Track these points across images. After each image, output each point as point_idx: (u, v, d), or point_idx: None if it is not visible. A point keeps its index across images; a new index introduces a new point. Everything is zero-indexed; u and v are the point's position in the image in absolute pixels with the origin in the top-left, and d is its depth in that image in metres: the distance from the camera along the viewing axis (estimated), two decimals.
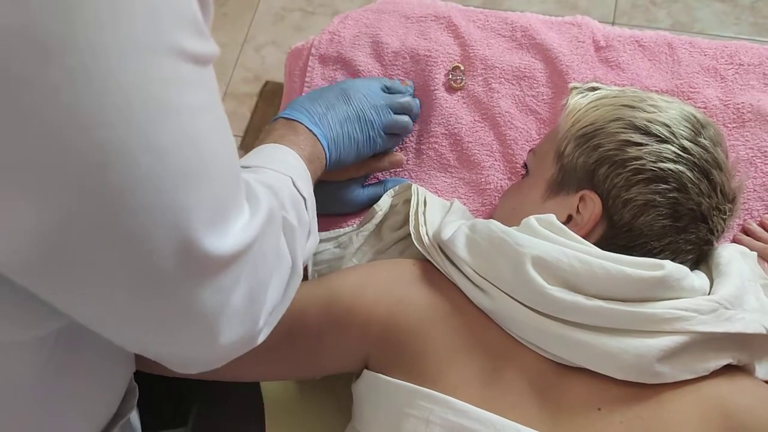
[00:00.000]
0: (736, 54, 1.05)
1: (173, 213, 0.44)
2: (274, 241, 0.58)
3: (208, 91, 0.47)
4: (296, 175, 0.73)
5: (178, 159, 0.44)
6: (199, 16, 0.45)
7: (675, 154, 0.77)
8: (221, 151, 0.49)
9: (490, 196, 1.00)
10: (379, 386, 0.76)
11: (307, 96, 0.93)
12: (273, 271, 0.57)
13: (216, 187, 0.48)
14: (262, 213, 0.54)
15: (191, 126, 0.45)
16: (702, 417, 0.69)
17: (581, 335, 0.70)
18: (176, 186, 0.44)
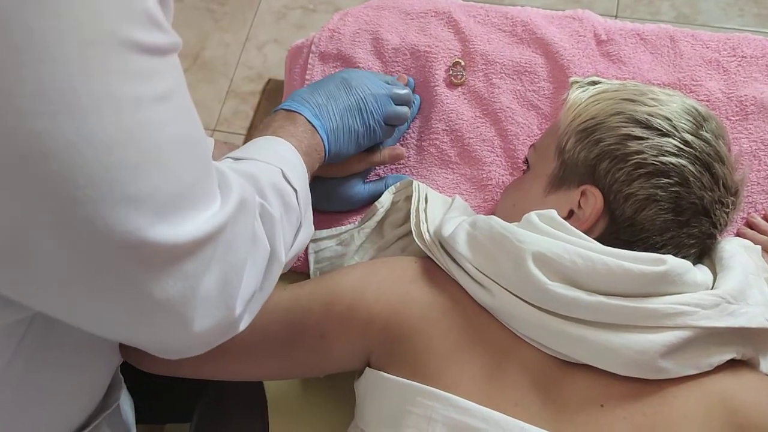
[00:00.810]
0: (739, 46, 1.04)
1: (118, 204, 0.44)
2: (248, 228, 0.57)
3: (165, 81, 0.47)
4: (288, 167, 0.73)
5: (122, 150, 0.44)
6: (154, 8, 0.45)
7: (676, 147, 0.77)
8: (178, 141, 0.48)
9: (492, 192, 1.00)
10: (380, 384, 0.76)
11: (308, 87, 0.92)
12: (248, 256, 0.57)
13: (169, 177, 0.47)
14: (232, 200, 0.54)
15: (140, 117, 0.44)
16: (706, 413, 0.68)
17: (583, 331, 0.70)
18: (121, 178, 0.44)
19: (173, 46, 0.48)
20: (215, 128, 1.79)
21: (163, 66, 0.47)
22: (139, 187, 0.45)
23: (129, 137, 0.44)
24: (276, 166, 0.71)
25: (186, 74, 1.52)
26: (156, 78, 0.46)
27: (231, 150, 0.99)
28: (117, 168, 0.43)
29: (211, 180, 0.54)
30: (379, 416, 0.75)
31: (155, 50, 0.45)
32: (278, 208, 0.66)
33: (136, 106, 0.44)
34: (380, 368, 0.77)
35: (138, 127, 0.44)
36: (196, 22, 1.93)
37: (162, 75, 0.47)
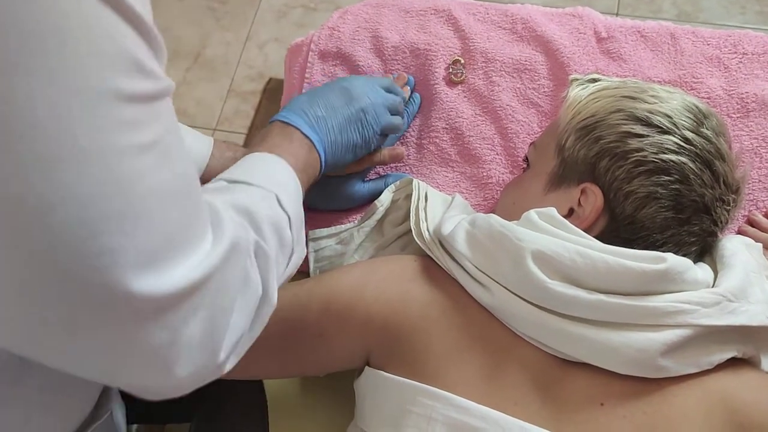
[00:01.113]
0: (740, 43, 1.04)
1: (97, 258, 0.42)
2: (239, 271, 0.55)
3: (151, 129, 0.45)
4: (283, 191, 0.71)
5: (101, 203, 0.42)
6: (142, 54, 0.44)
7: (677, 145, 0.76)
8: (164, 189, 0.47)
9: (492, 191, 0.99)
10: (380, 383, 0.76)
11: (307, 95, 0.90)
12: (237, 301, 0.55)
13: (154, 227, 0.46)
14: (224, 243, 0.52)
15: (122, 168, 0.43)
16: (707, 411, 0.68)
17: (583, 330, 0.70)
18: (99, 230, 0.42)
19: (163, 92, 0.47)
20: (216, 127, 1.78)
21: (149, 114, 0.45)
22: (120, 239, 0.43)
23: (109, 189, 0.43)
24: (271, 191, 0.69)
25: (187, 73, 1.51)
26: (141, 127, 0.44)
27: (230, 149, 1.00)
28: (95, 221, 0.42)
29: (201, 221, 0.52)
30: (379, 416, 0.75)
31: (142, 98, 0.44)
32: (274, 245, 0.64)
33: (118, 158, 0.43)
34: (380, 367, 0.77)
35: (120, 178, 0.43)
36: (197, 20, 1.93)
37: (148, 123, 0.45)
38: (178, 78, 1.84)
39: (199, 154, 0.95)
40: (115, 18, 0.42)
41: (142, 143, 0.44)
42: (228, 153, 0.99)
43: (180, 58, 1.86)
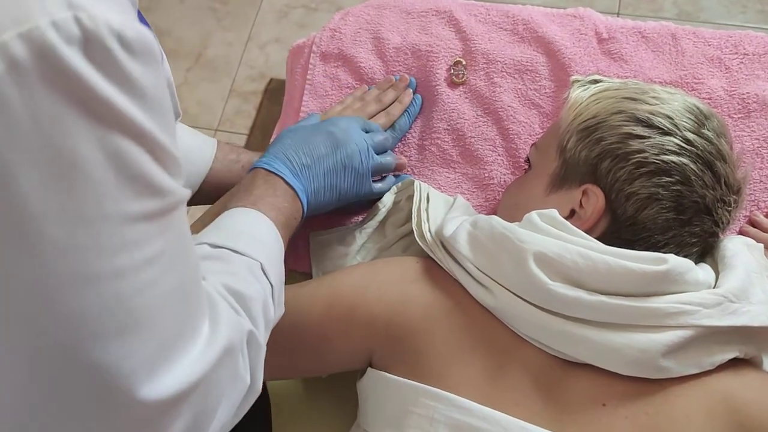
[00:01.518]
0: (741, 43, 1.04)
1: (91, 370, 0.43)
2: (230, 371, 0.55)
3: (158, 241, 0.45)
4: (266, 256, 0.70)
5: (99, 321, 0.43)
6: (154, 173, 0.44)
7: (678, 146, 0.77)
8: (165, 297, 0.47)
9: (494, 192, 0.99)
10: (382, 384, 0.76)
11: (292, 138, 0.87)
12: (224, 397, 0.55)
13: (154, 334, 0.46)
14: (219, 344, 0.52)
15: (123, 286, 0.43)
16: (709, 412, 0.68)
17: (585, 331, 0.70)
18: (92, 346, 0.43)
19: (174, 205, 0.47)
20: (218, 128, 1.78)
21: (157, 228, 0.45)
22: (118, 351, 0.44)
23: (109, 307, 0.43)
24: (255, 260, 0.68)
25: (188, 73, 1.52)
26: (148, 242, 0.44)
27: (233, 151, 1.00)
28: (93, 337, 0.42)
29: (200, 315, 0.52)
30: (382, 416, 0.75)
31: (151, 216, 0.44)
32: (263, 329, 0.64)
33: (120, 277, 0.43)
34: (382, 368, 0.77)
35: (120, 296, 0.43)
36: (198, 21, 1.93)
37: (155, 237, 0.45)
38: (179, 78, 1.84)
39: (202, 156, 0.95)
40: (129, 143, 0.42)
41: (148, 257, 0.44)
42: (231, 155, 0.99)
43: (181, 59, 1.87)
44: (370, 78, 1.09)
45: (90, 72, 0.38)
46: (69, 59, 0.37)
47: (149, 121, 0.42)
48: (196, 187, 0.95)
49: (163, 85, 0.45)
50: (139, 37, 0.41)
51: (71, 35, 0.37)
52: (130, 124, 0.41)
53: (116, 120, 0.40)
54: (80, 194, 0.40)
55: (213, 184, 0.96)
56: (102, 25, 0.38)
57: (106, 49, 0.39)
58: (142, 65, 0.41)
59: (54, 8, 0.37)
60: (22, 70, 0.36)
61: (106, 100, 0.39)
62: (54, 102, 0.38)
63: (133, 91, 0.41)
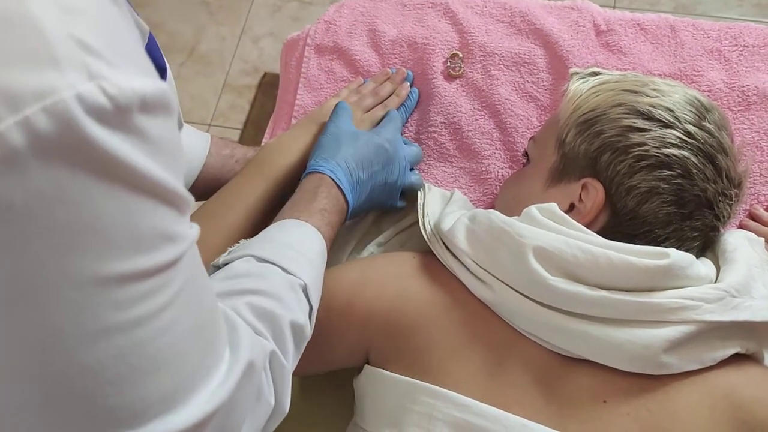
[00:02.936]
0: (741, 35, 1.03)
1: (104, 412, 0.43)
2: (252, 391, 0.55)
3: (172, 286, 0.45)
4: (311, 278, 0.69)
5: (114, 370, 0.42)
6: (168, 221, 0.44)
7: (679, 139, 0.76)
8: (181, 338, 0.47)
9: (492, 186, 0.98)
10: (380, 382, 0.75)
11: (354, 148, 0.86)
12: (246, 419, 0.55)
13: (171, 374, 0.46)
14: (239, 366, 0.52)
15: (138, 335, 0.43)
16: (711, 408, 0.68)
17: (585, 327, 0.69)
18: (106, 392, 0.43)
19: (187, 248, 0.46)
20: (211, 123, 1.77)
21: (171, 275, 0.45)
22: (126, 395, 0.44)
23: (123, 357, 0.43)
24: (300, 279, 0.68)
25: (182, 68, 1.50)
26: (163, 289, 0.44)
27: (228, 146, 0.98)
28: (106, 385, 0.43)
29: (219, 347, 0.52)
30: (380, 414, 0.74)
31: (165, 266, 0.44)
32: (291, 351, 0.64)
33: (135, 327, 0.43)
34: (380, 365, 0.76)
35: (134, 345, 0.43)
36: (191, 15, 1.91)
37: (170, 283, 0.45)
38: (172, 73, 1.82)
39: (196, 151, 0.94)
40: (148, 201, 0.42)
41: (164, 302, 0.44)
42: (225, 150, 0.98)
43: (174, 53, 1.85)
44: (366, 71, 1.08)
45: (112, 140, 0.38)
46: (92, 131, 0.37)
47: (165, 172, 0.42)
48: (191, 183, 0.94)
49: (176, 131, 0.45)
50: (158, 94, 0.41)
51: (96, 106, 0.37)
52: (149, 182, 0.41)
53: (135, 180, 0.40)
54: (98, 256, 0.40)
55: (207, 179, 0.95)
56: (126, 92, 0.38)
57: (128, 115, 0.39)
58: (160, 120, 0.41)
59: (77, 80, 0.36)
60: (45, 144, 0.36)
61: (125, 165, 0.39)
62: (75, 172, 0.37)
63: (151, 148, 0.41)
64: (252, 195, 0.87)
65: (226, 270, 0.68)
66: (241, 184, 0.89)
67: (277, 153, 0.92)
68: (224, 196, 0.88)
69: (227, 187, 0.90)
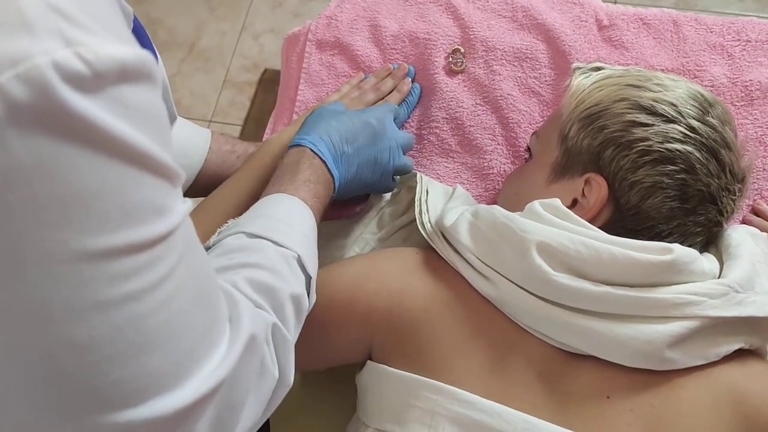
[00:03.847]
0: (743, 30, 1.03)
1: (103, 394, 0.42)
2: (254, 365, 0.55)
3: (164, 264, 0.44)
4: (304, 249, 0.69)
5: (107, 348, 0.42)
6: (160, 194, 0.43)
7: (682, 134, 0.75)
8: (178, 315, 0.46)
9: (494, 181, 0.98)
10: (383, 377, 0.75)
11: (336, 122, 0.85)
12: (250, 392, 0.54)
13: (168, 351, 0.45)
14: (241, 340, 0.52)
15: (133, 310, 0.42)
16: (715, 403, 0.68)
17: (588, 322, 0.69)
18: (104, 369, 0.42)
19: (180, 220, 0.45)
20: (211, 119, 1.77)
21: (166, 247, 0.44)
22: (127, 371, 0.43)
23: (119, 333, 0.42)
24: (293, 251, 0.67)
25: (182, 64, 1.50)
26: (158, 263, 0.43)
27: (228, 142, 0.98)
28: (104, 361, 0.42)
29: (218, 324, 0.51)
30: (382, 410, 0.74)
31: (158, 240, 0.43)
32: (293, 322, 0.63)
33: (131, 302, 0.42)
34: (382, 361, 0.76)
35: (131, 320, 0.42)
36: (191, 10, 1.91)
37: (165, 256, 0.44)
38: (172, 69, 1.82)
39: (197, 147, 0.94)
40: (133, 170, 0.41)
41: (160, 276, 0.44)
42: (226, 146, 0.98)
43: (174, 49, 1.85)
44: (367, 66, 1.08)
45: (91, 107, 0.37)
46: (69, 98, 0.36)
47: (152, 143, 0.41)
48: (192, 179, 0.93)
49: (160, 103, 0.44)
50: (139, 62, 0.40)
51: (72, 73, 0.36)
52: (134, 152, 0.40)
53: (119, 149, 0.39)
54: (85, 229, 0.39)
55: (208, 175, 0.95)
56: (104, 59, 0.37)
57: (107, 82, 0.38)
58: (142, 89, 0.41)
59: (52, 46, 0.35)
60: (21, 112, 0.35)
61: (107, 132, 0.38)
62: (55, 141, 0.36)
63: (134, 117, 0.40)
64: (252, 190, 0.87)
65: (218, 247, 0.67)
66: (241, 179, 0.89)
67: (278, 148, 0.91)
68: (225, 191, 0.88)
69: (228, 183, 0.89)
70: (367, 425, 0.75)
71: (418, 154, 1.02)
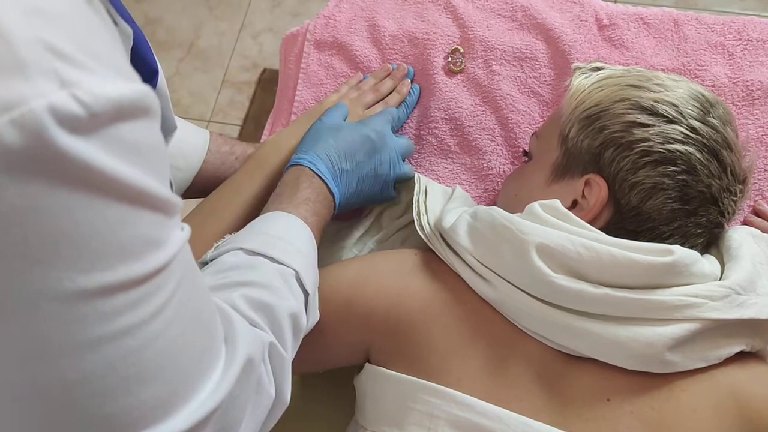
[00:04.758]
0: (744, 30, 1.02)
1: (95, 428, 0.42)
2: (251, 387, 0.54)
3: (164, 291, 0.43)
4: (303, 266, 0.68)
5: (104, 381, 0.41)
6: (156, 227, 0.42)
7: (683, 134, 0.75)
8: (173, 343, 0.45)
9: (493, 182, 0.98)
10: (381, 380, 0.74)
11: (335, 139, 0.85)
12: (246, 412, 0.54)
13: (164, 380, 0.44)
14: (237, 363, 0.51)
15: (126, 345, 0.41)
16: (716, 406, 0.67)
17: (588, 324, 0.68)
18: (97, 403, 0.41)
19: (174, 253, 0.44)
20: (210, 119, 1.76)
21: (163, 278, 0.43)
22: (120, 404, 0.42)
23: (112, 367, 0.41)
24: (291, 268, 0.67)
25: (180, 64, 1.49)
26: (154, 295, 0.42)
27: (227, 143, 0.98)
28: (96, 395, 0.41)
29: (214, 348, 0.51)
30: (380, 413, 0.74)
31: (155, 273, 0.42)
32: (290, 341, 0.63)
33: (124, 337, 0.41)
34: (381, 364, 0.76)
35: (125, 354, 0.41)
36: (190, 10, 1.90)
37: (162, 288, 0.43)
38: (171, 69, 1.82)
39: (195, 149, 0.93)
40: (128, 208, 0.40)
41: (156, 308, 0.43)
42: (225, 147, 0.97)
43: (173, 49, 1.84)
44: (366, 66, 1.07)
45: (87, 149, 0.36)
46: (64, 141, 0.35)
47: (147, 177, 0.40)
48: (190, 181, 0.93)
49: (157, 133, 0.43)
50: (136, 98, 0.39)
51: (68, 115, 0.35)
52: (129, 190, 0.39)
53: (114, 189, 0.38)
54: (77, 268, 0.38)
55: (206, 176, 0.94)
56: (101, 99, 0.36)
57: (103, 122, 0.37)
58: (138, 125, 0.40)
59: (47, 88, 0.34)
60: (15, 157, 0.34)
61: (102, 173, 0.37)
62: (49, 185, 0.36)
63: (129, 154, 0.39)
64: (251, 192, 0.86)
65: (215, 264, 0.67)
66: (240, 180, 0.89)
67: (276, 150, 0.91)
68: (223, 192, 0.88)
69: (226, 184, 0.89)
70: (366, 428, 0.75)
71: (417, 155, 1.01)
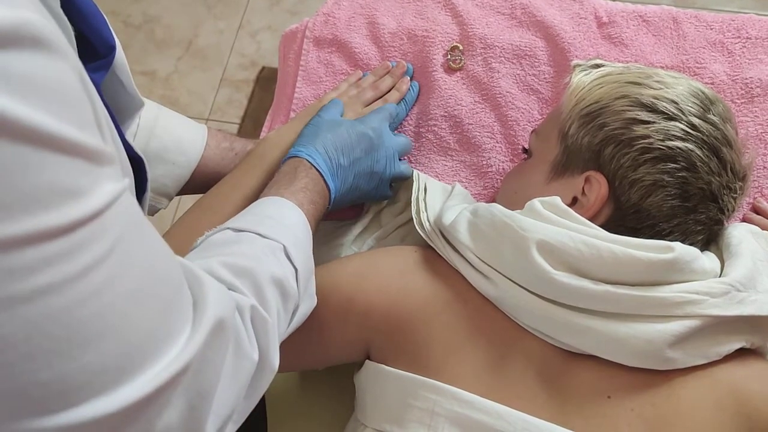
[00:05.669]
0: (744, 27, 1.02)
1: (32, 396, 0.39)
2: (224, 350, 0.52)
3: (98, 244, 0.41)
4: (291, 242, 0.68)
5: (25, 345, 0.38)
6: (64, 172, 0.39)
7: (683, 131, 0.75)
8: (122, 299, 0.43)
9: (492, 179, 0.97)
10: (381, 377, 0.74)
11: (333, 134, 0.85)
12: (222, 378, 0.52)
13: (110, 344, 0.42)
14: (205, 325, 0.49)
15: (49, 304, 0.39)
16: (716, 403, 0.67)
17: (589, 321, 0.68)
18: (29, 368, 0.39)
19: (109, 202, 0.41)
20: (209, 117, 1.76)
21: (86, 235, 0.40)
22: (55, 368, 0.39)
23: (36, 329, 0.38)
24: (278, 242, 0.66)
25: (179, 62, 1.49)
26: (80, 251, 0.40)
27: (227, 139, 0.97)
28: (23, 360, 0.38)
29: (177, 313, 0.48)
30: (381, 410, 0.73)
31: (79, 222, 0.39)
32: (275, 305, 0.61)
33: (44, 296, 0.38)
34: (381, 361, 0.75)
35: (50, 314, 0.39)
36: (189, 8, 1.90)
37: (92, 242, 0.40)
38: (169, 67, 1.81)
39: (193, 145, 0.93)
40: (27, 149, 0.36)
41: (86, 265, 0.40)
42: (224, 143, 0.97)
43: (171, 47, 1.84)
44: (365, 64, 1.07)
45: None
46: None
47: (50, 118, 0.37)
48: (188, 176, 0.93)
49: (65, 71, 0.40)
50: (17, 24, 0.36)
51: None
52: (21, 128, 0.36)
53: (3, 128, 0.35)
54: None
55: (206, 172, 0.94)
56: None
57: None
58: (27, 56, 0.37)
59: None
60: None
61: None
62: None
63: (20, 90, 0.36)
64: (250, 187, 0.86)
65: (202, 244, 0.66)
66: (239, 176, 0.89)
67: (275, 146, 0.91)
68: (222, 188, 0.88)
69: (226, 180, 0.89)
70: (366, 425, 0.74)
71: (416, 153, 1.01)
